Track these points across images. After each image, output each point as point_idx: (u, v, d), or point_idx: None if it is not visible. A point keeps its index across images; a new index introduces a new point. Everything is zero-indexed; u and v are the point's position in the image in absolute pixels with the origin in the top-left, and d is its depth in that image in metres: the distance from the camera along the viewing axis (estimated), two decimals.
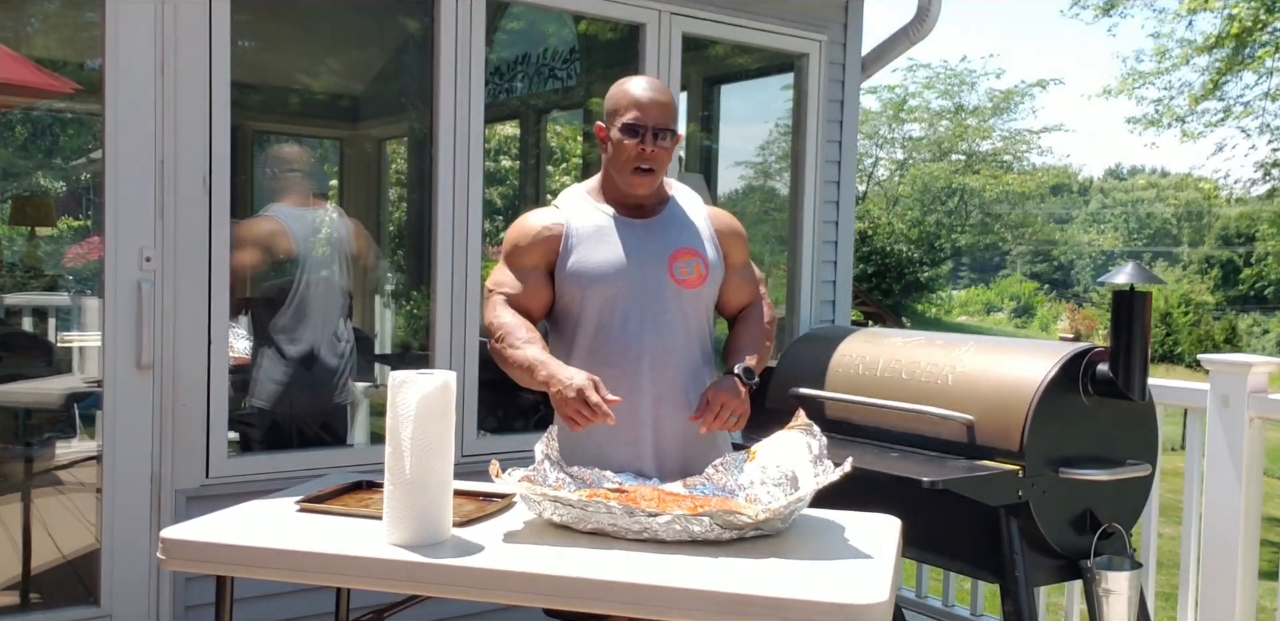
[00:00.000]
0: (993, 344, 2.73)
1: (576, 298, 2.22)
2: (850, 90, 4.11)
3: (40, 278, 4.11)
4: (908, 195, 25.09)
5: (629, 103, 2.18)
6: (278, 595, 2.79)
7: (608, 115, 2.23)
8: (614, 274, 2.21)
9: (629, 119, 2.16)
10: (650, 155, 2.17)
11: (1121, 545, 2.54)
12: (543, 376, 2.05)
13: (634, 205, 2.29)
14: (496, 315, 2.19)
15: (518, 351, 2.11)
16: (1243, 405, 2.73)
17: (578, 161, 5.97)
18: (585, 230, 2.25)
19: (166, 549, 1.78)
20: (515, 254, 2.27)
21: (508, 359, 2.12)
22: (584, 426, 2.00)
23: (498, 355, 2.16)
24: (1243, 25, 10.60)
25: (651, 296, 2.23)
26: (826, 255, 4.08)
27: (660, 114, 2.17)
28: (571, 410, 1.99)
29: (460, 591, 1.65)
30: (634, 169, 2.18)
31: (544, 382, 2.04)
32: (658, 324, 2.23)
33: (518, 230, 2.29)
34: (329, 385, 3.59)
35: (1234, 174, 47.59)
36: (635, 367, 2.19)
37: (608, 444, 2.18)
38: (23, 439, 3.49)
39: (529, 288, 2.24)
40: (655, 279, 2.23)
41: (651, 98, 2.18)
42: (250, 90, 4.10)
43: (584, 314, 2.22)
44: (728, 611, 1.52)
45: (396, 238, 4.85)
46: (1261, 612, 3.24)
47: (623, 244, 2.24)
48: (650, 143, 2.16)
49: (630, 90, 2.19)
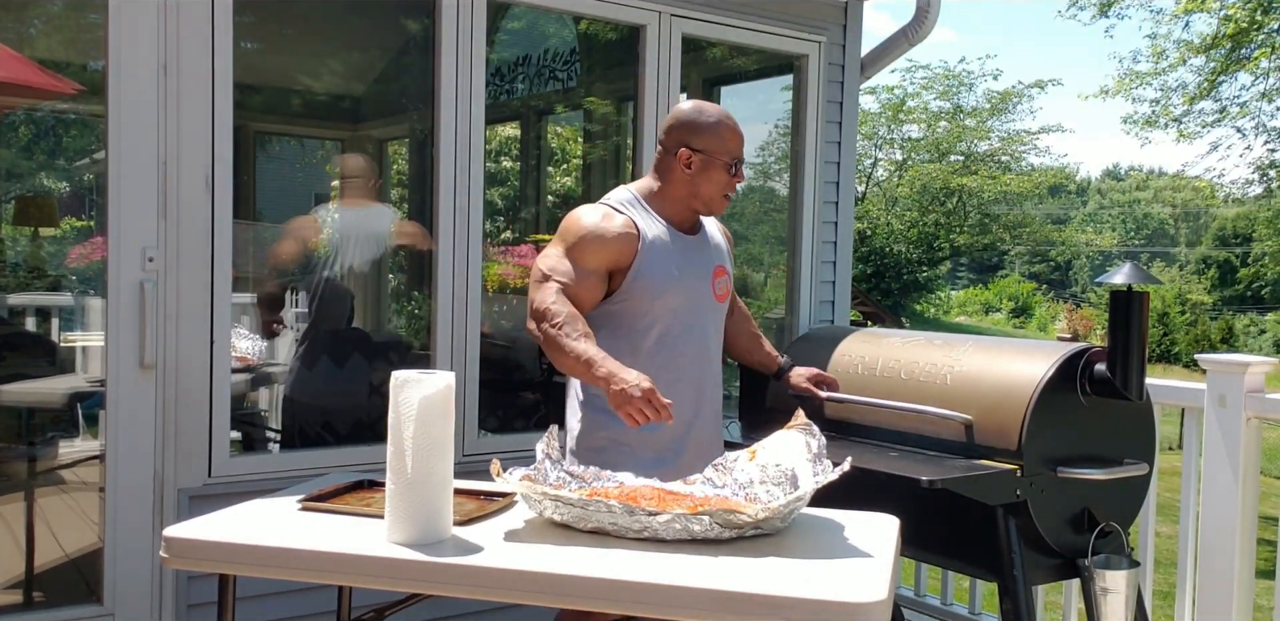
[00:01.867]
0: (991, 344, 2.74)
1: (644, 304, 2.35)
2: (849, 91, 4.13)
3: (43, 278, 4.11)
4: (906, 196, 25.07)
5: (730, 135, 2.38)
6: (280, 594, 2.79)
7: (694, 139, 2.37)
8: (678, 287, 2.37)
9: (732, 154, 2.38)
10: (739, 183, 2.42)
11: (1119, 544, 2.56)
12: (603, 373, 2.15)
13: (687, 222, 2.47)
14: (555, 301, 2.24)
15: (577, 343, 2.19)
16: (1240, 405, 2.74)
17: (578, 162, 5.98)
18: (654, 241, 2.38)
19: (169, 547, 1.79)
20: (583, 248, 2.31)
21: (565, 348, 2.20)
22: (641, 424, 2.12)
23: (552, 341, 2.22)
24: (1239, 26, 10.62)
25: (700, 310, 2.43)
26: (825, 255, 4.09)
27: (743, 147, 2.43)
28: (635, 408, 2.11)
29: (461, 590, 1.66)
30: (724, 197, 2.41)
31: (604, 379, 2.15)
32: (704, 335, 2.45)
33: (593, 226, 2.32)
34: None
35: (1230, 174, 47.64)
36: (688, 374, 2.40)
37: (652, 440, 2.34)
38: (26, 438, 3.50)
39: (586, 284, 2.31)
40: (704, 294, 2.44)
41: (740, 133, 2.42)
42: (252, 91, 4.11)
43: (650, 320, 2.36)
44: (728, 610, 1.53)
45: None
46: (1258, 611, 3.25)
47: (683, 258, 2.41)
48: (739, 175, 2.40)
49: (728, 124, 2.39)
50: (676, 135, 2.40)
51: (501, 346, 3.96)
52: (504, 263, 4.92)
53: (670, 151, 2.41)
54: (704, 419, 2.47)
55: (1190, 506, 2.92)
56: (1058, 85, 23.63)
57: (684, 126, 2.39)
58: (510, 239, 5.78)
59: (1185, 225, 49.73)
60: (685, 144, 2.37)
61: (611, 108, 5.25)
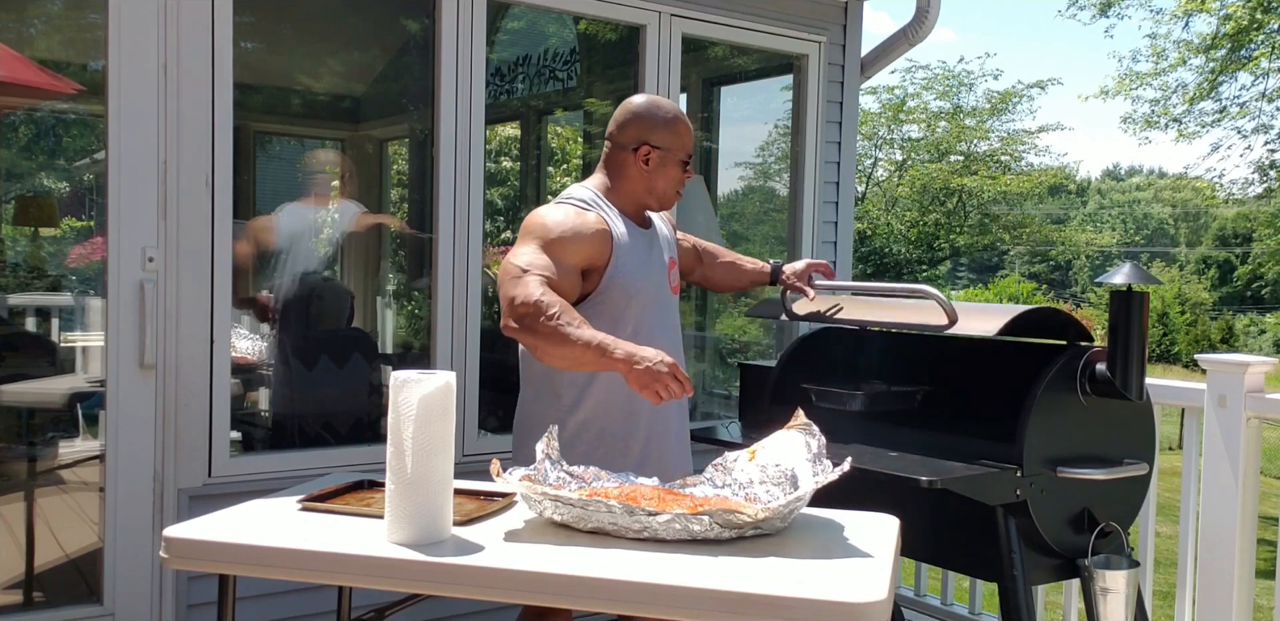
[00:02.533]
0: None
1: (620, 303, 2.33)
2: (849, 91, 4.13)
3: (43, 278, 4.11)
4: (906, 196, 25.04)
5: (685, 131, 2.41)
6: (280, 594, 2.80)
7: (652, 135, 2.37)
8: (646, 283, 2.37)
9: (687, 150, 2.40)
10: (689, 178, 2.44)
11: (1119, 544, 2.56)
12: (621, 355, 2.08)
13: (639, 217, 2.45)
14: (543, 293, 2.12)
15: (582, 331, 2.09)
16: (1240, 404, 2.74)
17: (578, 162, 5.98)
18: (624, 238, 2.36)
19: (169, 548, 1.79)
20: (561, 245, 2.24)
21: (570, 338, 2.08)
22: (666, 400, 2.11)
23: (552, 334, 2.09)
24: (1239, 25, 10.61)
25: (665, 304, 2.44)
26: (826, 255, 4.09)
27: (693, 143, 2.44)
28: (662, 385, 2.08)
29: (461, 590, 1.66)
30: (676, 191, 2.43)
31: (623, 361, 2.07)
32: (672, 329, 2.46)
33: (570, 222, 2.27)
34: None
35: (1230, 174, 47.62)
36: None
37: (648, 435, 2.38)
38: (26, 438, 3.49)
39: (569, 280, 2.25)
40: (665, 288, 2.45)
41: (691, 129, 2.43)
42: (252, 91, 4.11)
43: (625, 318, 2.34)
44: (727, 610, 1.52)
45: (398, 238, 4.87)
46: (1258, 611, 3.25)
47: (646, 254, 2.41)
48: (690, 171, 2.42)
49: (683, 120, 2.41)
50: (634, 131, 2.38)
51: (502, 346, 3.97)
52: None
53: (625, 147, 2.39)
54: (679, 416, 2.51)
55: (1190, 506, 2.92)
56: (1058, 85, 23.61)
57: (641, 122, 2.38)
58: (510, 239, 5.78)
59: (1185, 225, 49.71)
60: (644, 141, 2.37)
61: (611, 108, 5.24)
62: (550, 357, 2.15)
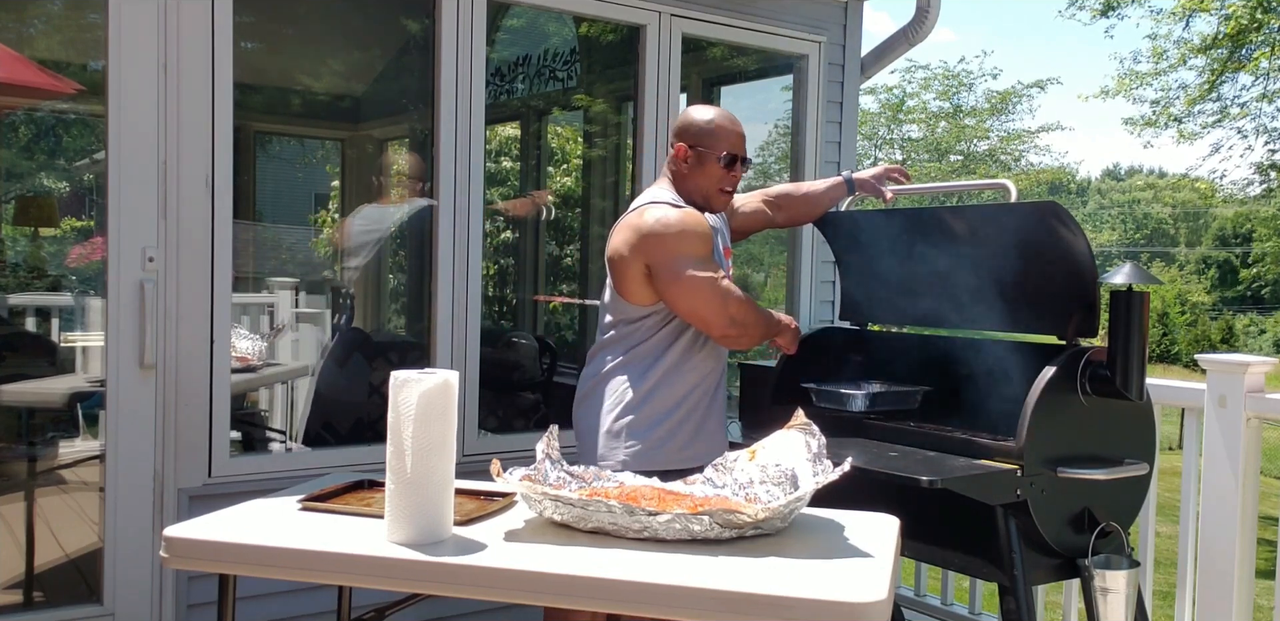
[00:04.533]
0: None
1: None
2: (849, 91, 4.13)
3: (44, 278, 4.12)
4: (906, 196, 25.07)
5: (724, 132, 2.52)
6: (280, 594, 2.80)
7: (688, 135, 2.52)
8: (724, 271, 2.57)
9: (724, 148, 2.51)
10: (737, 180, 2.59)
11: (1119, 544, 2.55)
12: (787, 319, 2.62)
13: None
14: (737, 292, 2.45)
15: (769, 311, 2.57)
16: (1240, 405, 2.74)
17: (578, 162, 5.98)
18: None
19: (169, 547, 1.79)
20: (704, 246, 2.45)
21: (770, 317, 2.57)
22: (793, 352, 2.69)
23: (762, 322, 2.52)
24: (1239, 24, 10.60)
25: None
26: (826, 256, 4.09)
27: (742, 145, 2.57)
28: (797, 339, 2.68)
29: (461, 590, 1.66)
30: (720, 191, 2.55)
31: (787, 324, 2.62)
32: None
33: (698, 227, 2.44)
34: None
35: (1231, 175, 47.61)
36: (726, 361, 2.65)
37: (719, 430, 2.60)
38: (26, 438, 3.50)
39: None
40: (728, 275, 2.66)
41: (738, 130, 2.55)
42: (253, 91, 4.12)
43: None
44: (728, 609, 1.53)
45: (398, 238, 4.87)
46: (1258, 611, 3.25)
47: (719, 246, 2.59)
48: (735, 171, 2.54)
49: (722, 121, 2.53)
50: (676, 133, 2.57)
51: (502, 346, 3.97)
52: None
53: (671, 147, 2.57)
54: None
55: (1190, 506, 2.92)
56: (1057, 84, 23.61)
57: (682, 125, 2.57)
58: (510, 239, 5.78)
59: (1185, 225, 49.69)
60: (682, 140, 2.54)
61: (611, 107, 5.25)
62: (753, 341, 2.54)
